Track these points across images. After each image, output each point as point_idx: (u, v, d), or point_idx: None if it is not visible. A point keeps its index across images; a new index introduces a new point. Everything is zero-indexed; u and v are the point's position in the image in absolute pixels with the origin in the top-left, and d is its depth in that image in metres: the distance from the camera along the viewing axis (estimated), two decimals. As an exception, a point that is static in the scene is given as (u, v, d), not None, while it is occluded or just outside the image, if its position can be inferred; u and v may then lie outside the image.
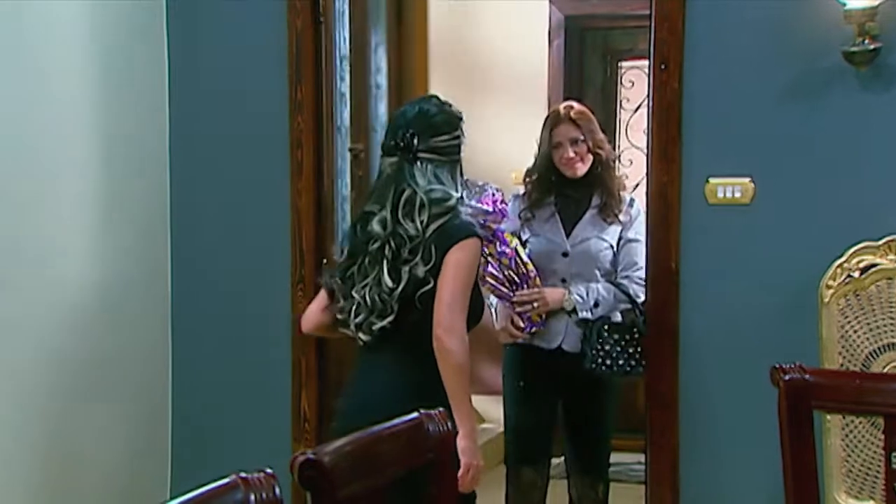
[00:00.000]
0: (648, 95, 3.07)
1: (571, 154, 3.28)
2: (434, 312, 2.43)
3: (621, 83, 5.53)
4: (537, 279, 3.26)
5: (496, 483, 3.40)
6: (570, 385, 3.33)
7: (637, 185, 5.35)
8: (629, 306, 3.27)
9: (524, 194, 3.41)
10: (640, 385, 3.31)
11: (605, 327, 3.21)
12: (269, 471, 1.49)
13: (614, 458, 5.10)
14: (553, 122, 3.34)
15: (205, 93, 3.42)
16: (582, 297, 3.25)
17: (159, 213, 3.39)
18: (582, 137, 3.28)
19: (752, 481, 2.95)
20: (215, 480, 1.48)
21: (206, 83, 3.43)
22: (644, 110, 5.14)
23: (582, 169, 3.29)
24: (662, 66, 2.95)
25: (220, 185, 3.45)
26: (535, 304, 3.24)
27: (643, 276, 3.19)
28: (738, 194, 2.96)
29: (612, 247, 3.31)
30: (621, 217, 3.30)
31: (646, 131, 3.18)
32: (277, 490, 1.47)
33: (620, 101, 5.52)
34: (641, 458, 3.39)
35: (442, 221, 2.47)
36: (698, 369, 3.03)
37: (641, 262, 3.23)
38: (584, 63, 5.54)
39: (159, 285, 3.40)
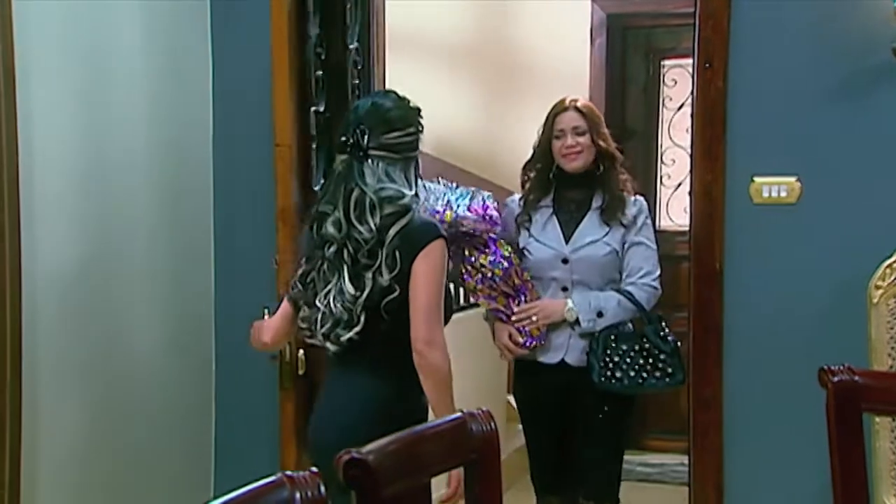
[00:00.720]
0: (692, 94, 3.04)
1: (572, 142, 3.06)
2: (411, 325, 2.35)
3: (664, 82, 5.50)
4: (535, 290, 3.08)
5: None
6: (578, 402, 3.07)
7: (679, 185, 5.33)
8: (639, 315, 3.06)
9: (521, 196, 3.19)
10: (684, 386, 3.25)
11: (613, 338, 3.01)
12: (313, 469, 1.50)
13: (656, 459, 5.15)
14: (557, 110, 3.14)
15: (246, 93, 3.44)
16: (584, 307, 3.02)
17: (203, 223, 3.40)
18: (586, 128, 3.07)
19: (799, 484, 2.92)
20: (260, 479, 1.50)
21: (248, 84, 3.44)
22: (687, 109, 5.13)
23: (581, 162, 3.07)
24: (707, 65, 2.93)
25: (262, 187, 3.46)
26: (534, 318, 3.04)
27: (652, 281, 3.05)
28: (783, 194, 2.93)
29: (616, 251, 3.06)
30: (623, 220, 3.06)
31: (689, 130, 3.15)
32: (322, 489, 1.48)
33: (663, 100, 5.49)
34: (683, 459, 3.37)
35: (402, 224, 2.38)
36: (743, 370, 3.00)
37: (648, 266, 3.06)
38: (626, 62, 5.51)
39: (203, 282, 3.42)
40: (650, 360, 3.01)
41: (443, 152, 5.51)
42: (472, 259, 3.01)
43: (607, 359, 2.99)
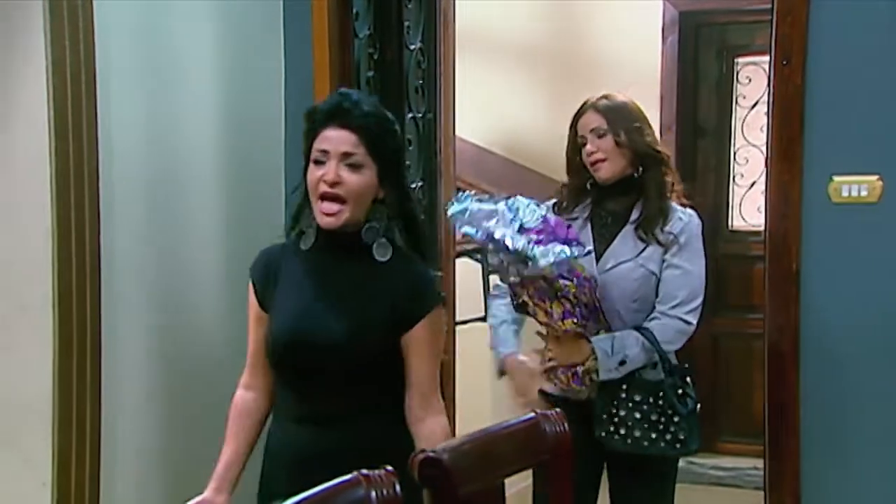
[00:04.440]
0: (768, 92, 2.99)
1: (591, 147, 2.68)
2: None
3: (737, 80, 5.42)
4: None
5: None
6: (612, 460, 2.67)
7: (753, 184, 5.26)
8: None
9: (554, 203, 2.79)
10: (758, 388, 3.19)
11: (624, 386, 2.60)
12: (389, 468, 1.51)
13: (730, 462, 5.08)
14: (578, 114, 2.76)
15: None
16: (604, 354, 2.58)
17: (276, 220, 3.43)
18: (605, 128, 2.67)
19: (881, 488, 2.85)
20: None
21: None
22: (761, 107, 5.07)
23: (608, 170, 2.68)
24: (784, 62, 2.88)
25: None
26: (553, 363, 2.64)
27: (685, 314, 2.65)
28: (864, 193, 2.87)
29: (653, 274, 2.65)
30: (661, 237, 2.65)
31: (763, 129, 3.09)
32: (398, 487, 1.49)
33: (736, 98, 5.42)
34: (756, 463, 3.31)
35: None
36: (820, 373, 2.94)
37: (683, 294, 2.65)
38: (698, 60, 5.45)
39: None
40: (662, 420, 2.60)
41: (511, 152, 5.51)
42: (567, 291, 2.55)
43: (613, 410, 2.60)
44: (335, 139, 2.10)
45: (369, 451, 1.97)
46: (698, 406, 2.65)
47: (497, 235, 2.42)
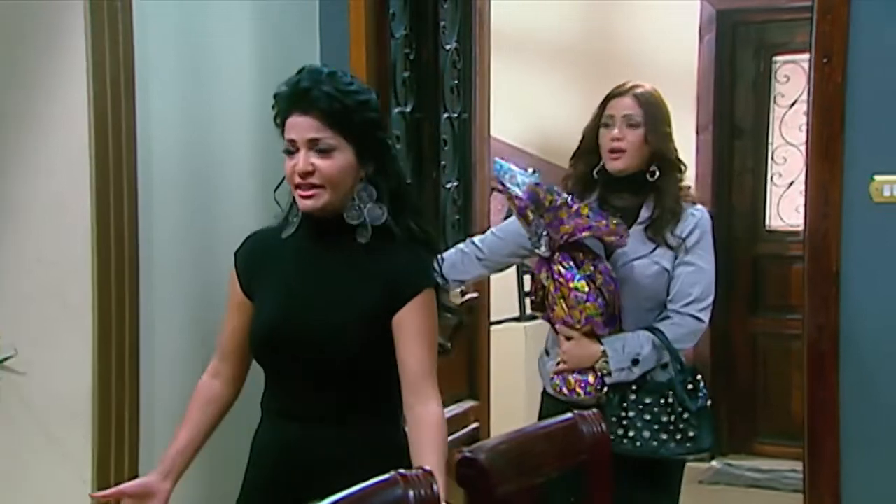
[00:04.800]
0: (808, 90, 2.96)
1: (619, 133, 2.56)
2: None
3: (775, 78, 5.37)
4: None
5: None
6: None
7: (792, 183, 5.21)
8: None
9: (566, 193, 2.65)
10: (795, 389, 3.15)
11: (633, 388, 2.53)
12: (426, 468, 1.51)
13: (767, 464, 5.03)
14: (612, 94, 2.64)
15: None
16: (616, 354, 2.51)
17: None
18: (640, 119, 2.57)
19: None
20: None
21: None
22: (800, 106, 5.02)
23: (625, 163, 2.57)
24: (825, 60, 2.84)
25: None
26: (562, 366, 2.57)
27: (698, 311, 2.57)
28: (906, 192, 2.83)
29: (666, 271, 2.57)
30: (671, 241, 2.56)
31: (802, 128, 3.05)
32: (435, 487, 1.48)
33: (774, 97, 5.37)
34: (794, 465, 3.27)
35: None
36: (860, 374, 2.90)
37: (697, 291, 2.56)
38: (735, 58, 5.41)
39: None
40: (672, 419, 2.52)
41: (546, 151, 5.49)
42: (594, 276, 2.51)
43: (623, 413, 2.52)
44: (299, 126, 1.99)
45: (359, 452, 1.97)
46: (709, 402, 2.57)
47: (541, 187, 2.43)
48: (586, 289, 2.49)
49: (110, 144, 2.56)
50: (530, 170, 2.60)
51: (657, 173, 2.59)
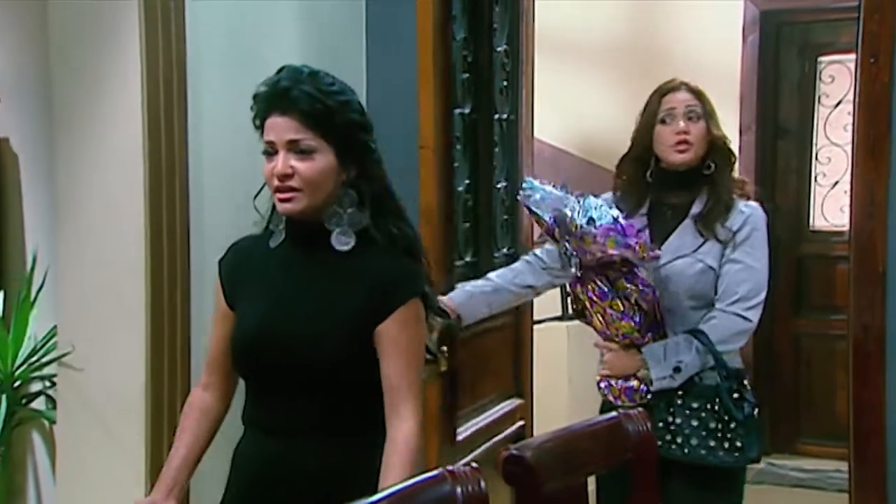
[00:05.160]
0: (854, 90, 2.92)
1: (685, 126, 2.51)
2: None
3: (820, 78, 5.31)
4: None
5: None
6: (667, 471, 2.38)
7: (836, 184, 5.15)
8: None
9: (615, 204, 2.58)
10: (840, 389, 3.11)
11: (680, 393, 2.46)
12: (474, 465, 1.51)
13: (811, 464, 4.98)
14: (664, 90, 2.59)
15: (396, 96, 3.48)
16: (657, 362, 2.45)
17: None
18: (701, 111, 2.54)
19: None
20: (416, 475, 1.51)
21: (397, 86, 3.49)
22: (844, 106, 4.96)
23: (692, 155, 2.52)
24: (872, 60, 2.80)
25: (414, 185, 3.50)
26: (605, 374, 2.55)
27: (744, 310, 2.48)
28: (953, 192, 2.79)
29: (712, 269, 2.50)
30: (720, 235, 2.50)
31: (847, 128, 3.02)
32: (482, 484, 1.49)
33: (819, 98, 5.31)
34: (838, 465, 3.24)
35: None
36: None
37: (743, 290, 2.47)
38: (779, 59, 5.36)
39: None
40: (720, 426, 2.45)
41: (587, 152, 5.47)
42: (629, 293, 2.45)
43: (670, 418, 2.46)
44: (278, 127, 1.89)
45: (343, 467, 1.89)
46: (756, 410, 2.49)
47: (566, 213, 2.36)
48: (621, 307, 2.45)
49: (163, 146, 2.60)
50: (558, 184, 2.53)
51: (713, 167, 2.55)
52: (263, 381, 1.98)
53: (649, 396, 2.49)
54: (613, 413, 1.90)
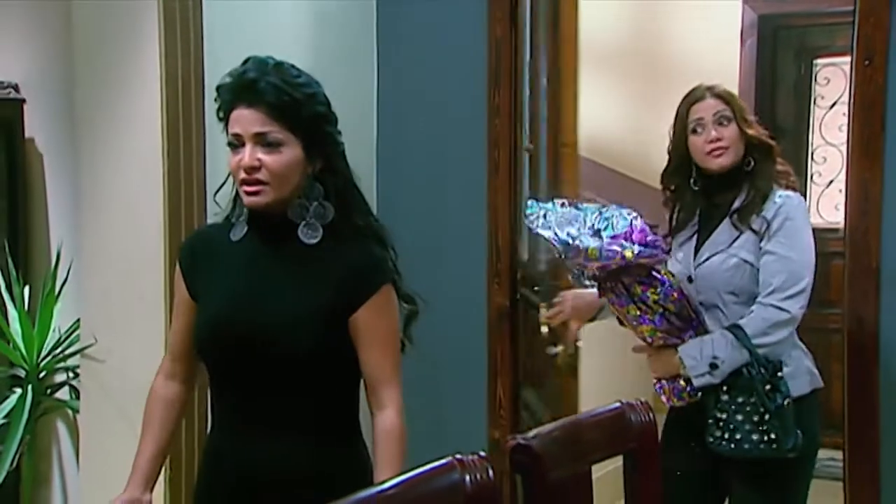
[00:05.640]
0: (849, 91, 2.90)
1: (716, 134, 2.47)
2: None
3: (815, 80, 5.30)
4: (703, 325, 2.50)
5: None
6: (729, 468, 2.46)
7: (831, 182, 5.13)
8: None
9: (669, 216, 2.61)
10: (835, 380, 3.11)
11: (724, 388, 2.40)
12: (482, 453, 1.50)
13: (806, 453, 4.95)
14: (691, 99, 2.54)
15: (409, 99, 3.48)
16: (693, 359, 2.41)
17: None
18: (730, 114, 2.49)
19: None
20: (425, 463, 1.50)
21: (411, 90, 3.48)
22: (839, 107, 4.95)
23: (730, 158, 2.49)
24: (866, 62, 2.79)
25: (423, 183, 3.50)
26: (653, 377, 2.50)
27: (780, 300, 2.42)
28: (946, 189, 2.77)
29: (748, 263, 2.46)
30: (754, 224, 2.45)
31: (842, 128, 3.00)
32: (491, 472, 1.48)
33: (814, 99, 5.30)
34: (833, 454, 3.22)
35: None
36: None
37: (778, 280, 2.41)
38: (776, 62, 5.35)
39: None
40: (759, 418, 2.39)
41: (593, 152, 5.45)
42: (646, 296, 2.40)
43: (718, 413, 2.41)
44: (244, 120, 1.80)
45: (320, 464, 1.81)
46: (786, 402, 2.41)
47: (564, 236, 2.30)
48: (637, 312, 2.42)
49: (181, 145, 2.60)
50: (560, 201, 2.47)
51: (752, 163, 2.52)
52: (231, 371, 1.87)
53: (698, 394, 2.45)
54: (616, 404, 1.89)
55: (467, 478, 1.44)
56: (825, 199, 5.27)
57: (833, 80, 5.15)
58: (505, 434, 3.19)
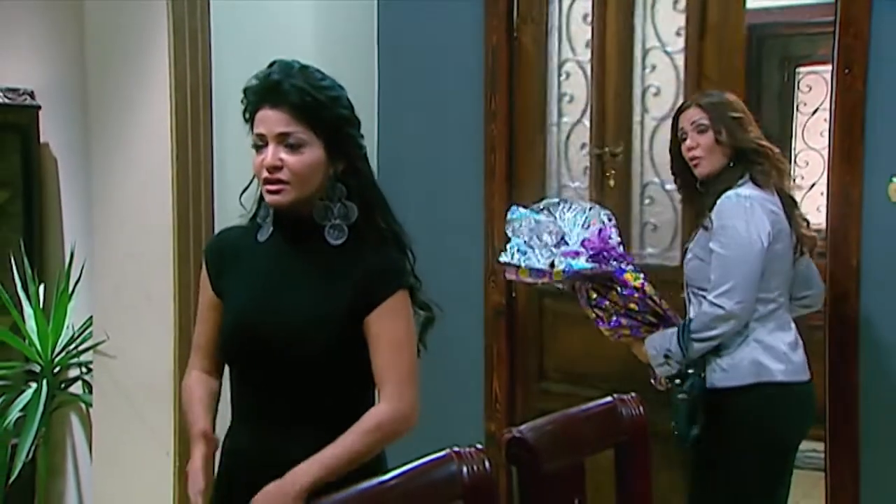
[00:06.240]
0: (830, 98, 2.90)
1: (691, 142, 2.50)
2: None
3: (798, 88, 5.31)
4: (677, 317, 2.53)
5: None
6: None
7: (813, 185, 5.12)
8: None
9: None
10: (816, 376, 3.09)
11: (677, 381, 2.49)
12: (479, 446, 1.50)
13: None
14: (679, 109, 2.61)
15: (409, 104, 3.48)
16: (652, 350, 2.48)
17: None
18: (706, 123, 2.50)
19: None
20: (424, 456, 1.50)
21: (411, 96, 3.48)
22: (821, 113, 4.95)
23: (707, 168, 2.51)
24: (846, 70, 2.79)
25: (422, 185, 3.50)
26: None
27: (714, 297, 2.40)
28: (922, 193, 2.77)
29: (700, 259, 2.48)
30: (706, 221, 2.47)
31: (823, 133, 3.00)
32: (487, 464, 1.47)
33: (797, 106, 5.31)
34: (814, 446, 3.21)
35: None
36: (880, 360, 2.85)
37: (715, 277, 2.40)
38: (760, 69, 5.35)
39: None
40: (672, 407, 2.48)
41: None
42: (601, 301, 2.49)
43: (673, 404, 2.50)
44: (269, 120, 1.77)
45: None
46: (681, 396, 2.44)
47: (536, 243, 2.41)
48: (593, 315, 2.53)
49: (189, 149, 2.60)
50: (541, 205, 2.56)
51: (733, 167, 2.52)
52: (251, 370, 1.84)
53: (676, 381, 2.49)
54: (609, 398, 1.88)
55: (465, 469, 1.44)
56: (807, 202, 5.23)
57: (815, 88, 5.15)
58: (501, 427, 3.18)
